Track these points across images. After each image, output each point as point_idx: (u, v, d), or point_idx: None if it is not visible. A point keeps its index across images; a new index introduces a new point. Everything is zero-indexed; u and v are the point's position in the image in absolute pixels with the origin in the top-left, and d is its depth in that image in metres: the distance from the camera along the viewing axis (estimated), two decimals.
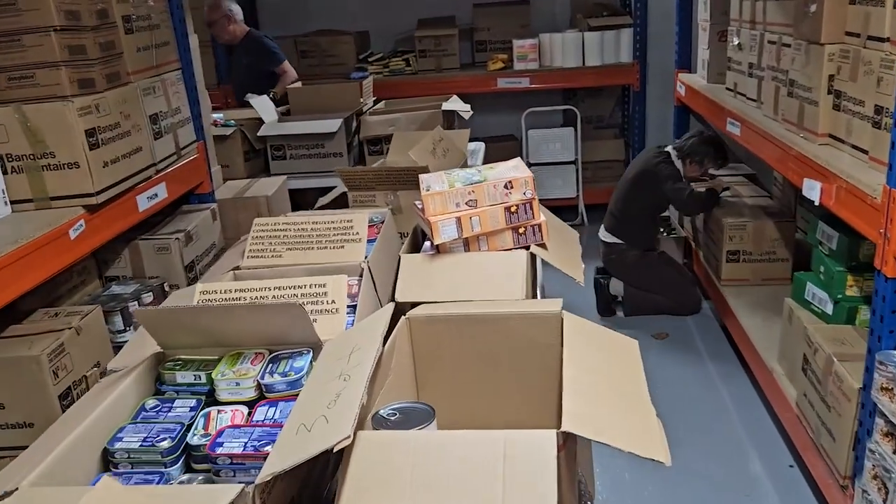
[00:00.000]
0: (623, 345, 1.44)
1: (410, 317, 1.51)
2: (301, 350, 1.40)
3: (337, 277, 1.57)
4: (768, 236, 3.53)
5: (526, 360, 1.50)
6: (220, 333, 1.38)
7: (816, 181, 2.32)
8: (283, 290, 1.53)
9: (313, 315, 1.48)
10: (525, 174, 1.83)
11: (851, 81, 2.26)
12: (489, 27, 5.76)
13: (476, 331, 1.51)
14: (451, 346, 1.52)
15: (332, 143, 4.12)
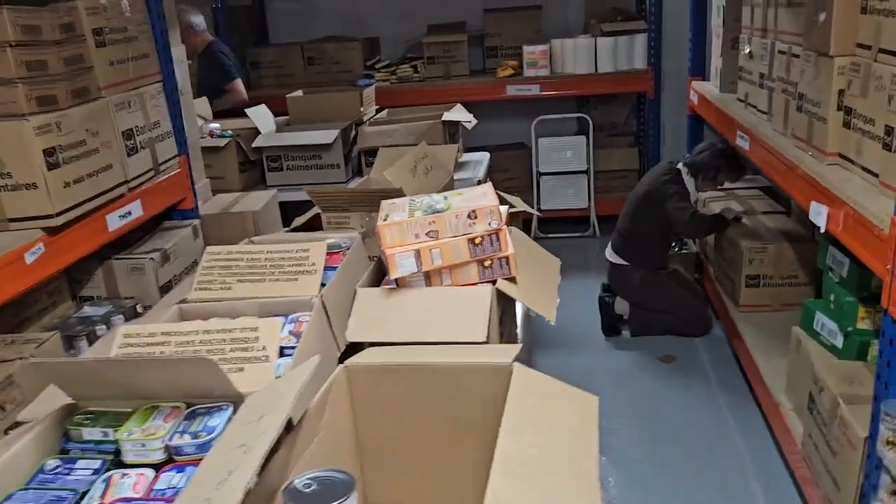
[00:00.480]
0: (579, 404, 1.29)
1: (349, 365, 1.38)
2: (221, 405, 1.27)
3: (270, 321, 1.44)
4: (788, 259, 3.32)
5: (475, 416, 1.35)
6: (132, 386, 1.26)
7: (823, 205, 2.13)
8: (212, 335, 1.41)
9: (242, 363, 1.34)
10: (491, 203, 1.68)
11: (862, 97, 2.08)
12: (500, 33, 5.61)
13: (422, 382, 1.37)
14: (394, 399, 1.38)
15: (329, 155, 4.00)
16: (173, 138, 2.94)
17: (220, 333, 1.40)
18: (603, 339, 3.88)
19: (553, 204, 5.44)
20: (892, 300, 1.70)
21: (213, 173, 4.05)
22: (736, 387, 3.27)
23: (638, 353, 3.71)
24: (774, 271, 3.34)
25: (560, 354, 3.74)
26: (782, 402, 2.64)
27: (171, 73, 2.96)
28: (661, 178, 3.69)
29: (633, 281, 3.79)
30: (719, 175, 3.67)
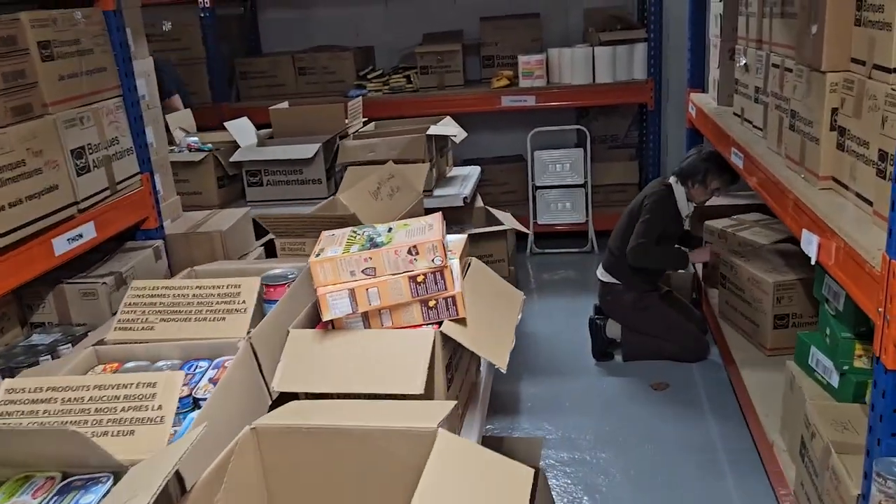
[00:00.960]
0: (509, 479, 1.12)
1: (259, 427, 1.22)
2: (100, 477, 1.11)
3: (170, 375, 1.28)
4: None
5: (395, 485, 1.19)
6: (2, 455, 1.10)
7: (814, 234, 1.95)
8: (104, 391, 1.25)
9: (133, 426, 1.19)
10: (433, 237, 1.52)
11: (855, 118, 1.90)
12: (497, 42, 5.45)
13: (339, 447, 1.21)
14: (309, 464, 1.21)
15: (310, 170, 3.86)
16: (134, 155, 2.81)
17: (114, 389, 1.25)
18: (594, 363, 3.69)
19: (550, 218, 5.27)
20: (884, 347, 1.52)
21: (191, 189, 3.93)
22: (731, 419, 3.08)
23: (630, 379, 3.52)
24: (805, 310, 2.99)
25: (547, 380, 3.56)
26: (776, 443, 2.46)
27: (133, 87, 2.83)
28: (647, 195, 3.54)
29: (624, 302, 3.61)
30: (708, 178, 3.46)
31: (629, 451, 2.96)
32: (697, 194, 3.52)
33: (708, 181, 3.47)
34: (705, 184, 3.47)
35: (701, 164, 3.47)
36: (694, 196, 3.53)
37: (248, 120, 4.19)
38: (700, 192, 3.51)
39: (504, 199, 5.57)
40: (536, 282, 4.89)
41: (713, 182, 3.47)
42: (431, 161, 3.86)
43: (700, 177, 3.47)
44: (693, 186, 3.50)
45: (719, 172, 3.45)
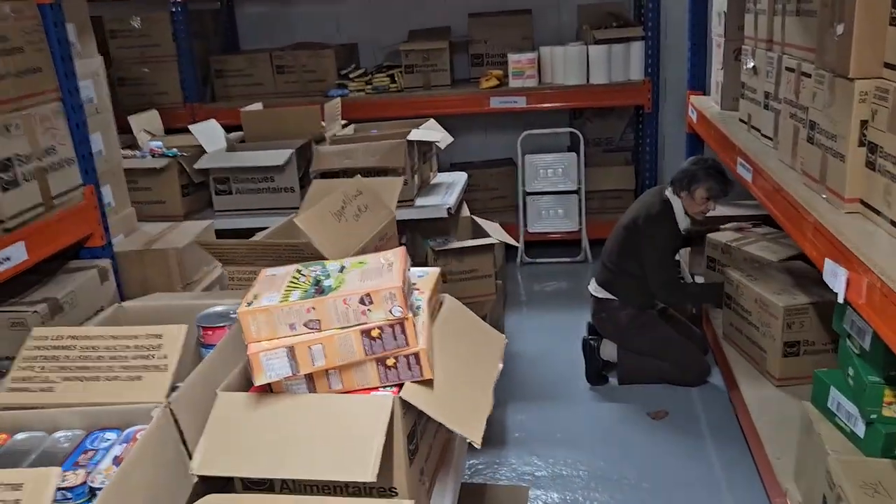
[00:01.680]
0: None
1: None
2: None
3: (40, 472, 1.01)
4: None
5: None
6: None
7: (841, 267, 1.69)
8: None
9: None
10: (390, 283, 1.24)
11: (891, 133, 1.63)
12: (486, 39, 5.17)
13: None
14: None
15: (282, 177, 3.59)
16: (76, 165, 2.52)
17: None
18: (587, 387, 3.43)
19: (541, 226, 5.00)
20: None
21: (153, 197, 3.65)
22: (737, 455, 2.81)
23: (626, 405, 3.26)
24: (817, 336, 2.70)
25: (536, 406, 3.30)
26: (790, 492, 2.19)
27: (76, 89, 2.54)
28: (645, 214, 3.27)
29: (619, 320, 3.35)
30: (701, 186, 3.15)
31: (625, 490, 2.70)
32: (693, 205, 3.24)
33: (701, 190, 3.18)
34: (691, 193, 3.19)
35: (693, 172, 3.20)
36: (690, 208, 3.25)
37: (216, 123, 3.91)
38: (695, 203, 3.22)
39: (493, 206, 5.30)
40: (527, 294, 4.63)
41: (708, 190, 3.17)
42: (413, 168, 3.59)
43: (694, 185, 3.19)
44: (687, 198, 3.23)
45: (712, 178, 3.15)
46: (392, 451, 1.26)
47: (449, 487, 1.49)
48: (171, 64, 5.03)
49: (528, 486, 2.76)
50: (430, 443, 1.44)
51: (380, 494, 1.29)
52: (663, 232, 3.21)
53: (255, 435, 1.22)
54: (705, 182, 3.15)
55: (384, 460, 1.28)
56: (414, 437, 1.33)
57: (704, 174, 3.16)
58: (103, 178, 2.82)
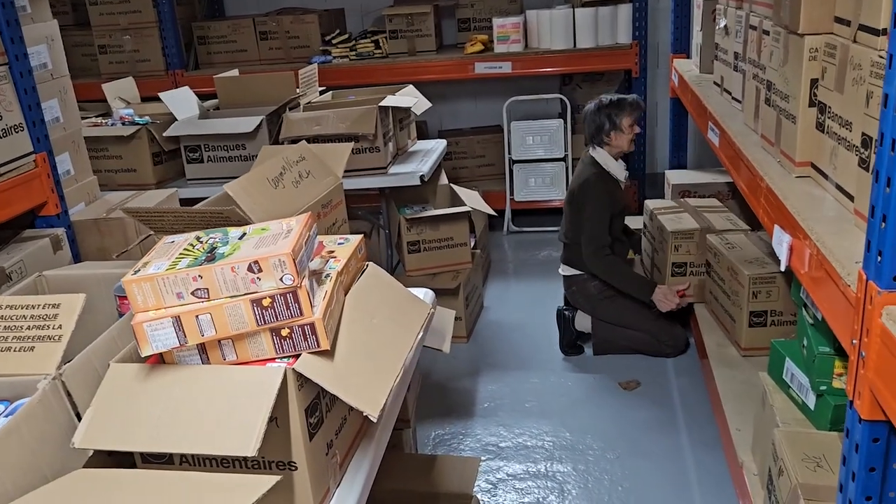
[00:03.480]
0: None
1: None
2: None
3: None
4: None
5: None
6: None
7: (786, 233, 1.61)
8: None
9: None
10: (280, 250, 1.18)
11: (837, 92, 1.54)
12: (473, 3, 5.06)
13: None
14: None
15: (254, 144, 3.52)
16: (26, 132, 2.47)
17: None
18: (562, 357, 3.37)
19: (527, 195, 4.92)
20: (858, 390, 1.19)
21: (124, 166, 3.61)
22: (704, 427, 2.75)
23: (599, 376, 3.20)
24: (785, 307, 2.64)
25: (508, 376, 3.25)
26: (745, 464, 2.14)
27: (23, 54, 2.48)
28: (578, 180, 3.26)
29: (589, 291, 3.29)
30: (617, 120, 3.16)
31: (589, 462, 2.66)
32: (620, 142, 3.21)
33: (619, 122, 3.17)
34: (619, 126, 3.17)
35: (601, 115, 3.19)
36: (620, 145, 3.22)
37: (189, 90, 3.84)
38: (621, 137, 3.20)
39: (481, 174, 5.23)
40: (513, 263, 4.56)
41: (624, 118, 3.17)
42: (386, 135, 3.52)
43: (608, 126, 3.18)
44: (608, 141, 3.20)
45: (620, 107, 3.17)
46: (289, 424, 1.22)
47: (364, 468, 1.45)
48: (152, 30, 4.96)
49: (492, 456, 2.73)
50: (343, 415, 1.40)
51: (279, 469, 1.25)
52: (596, 195, 3.17)
53: (143, 408, 1.17)
54: (625, 109, 3.16)
55: (283, 434, 1.24)
56: (317, 409, 1.29)
57: (615, 108, 3.16)
58: (61, 146, 2.77)
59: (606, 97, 3.24)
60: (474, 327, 3.69)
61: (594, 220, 3.17)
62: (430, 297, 2.08)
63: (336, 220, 2.15)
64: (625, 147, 3.24)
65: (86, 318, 1.46)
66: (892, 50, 1.05)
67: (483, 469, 2.65)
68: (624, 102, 3.19)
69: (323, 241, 1.55)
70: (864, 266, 1.16)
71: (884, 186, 1.08)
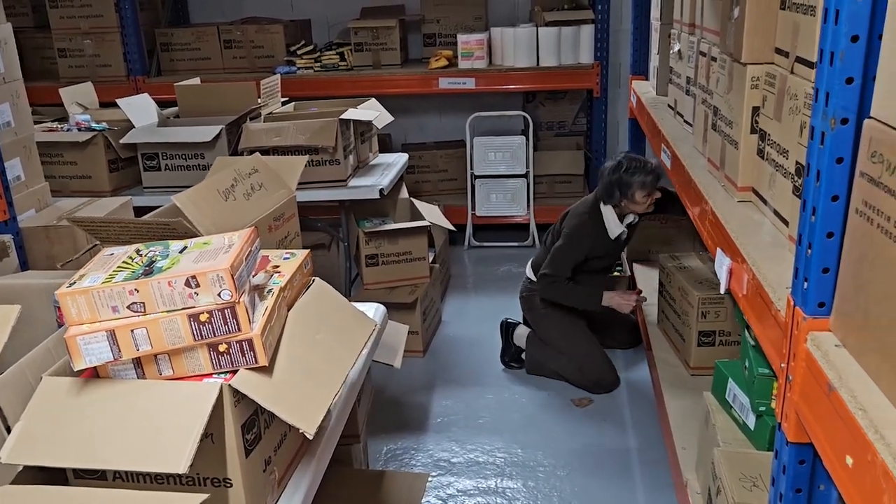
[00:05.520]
0: None
1: None
2: None
3: None
4: None
5: None
6: None
7: (727, 257, 1.65)
8: None
9: None
10: (219, 265, 1.18)
11: (776, 120, 1.59)
12: (439, 19, 5.10)
13: None
14: None
15: (213, 154, 3.50)
16: None
17: None
18: (522, 374, 3.38)
19: (489, 210, 4.95)
20: (785, 413, 1.22)
21: (79, 172, 3.56)
22: (654, 446, 2.79)
23: (552, 392, 3.22)
24: (733, 327, 2.67)
25: (462, 390, 3.26)
26: (689, 483, 2.17)
27: None
28: (569, 217, 3.23)
29: (535, 304, 3.31)
30: (634, 189, 2.99)
31: (539, 479, 2.67)
32: (634, 209, 3.09)
33: (631, 196, 3.01)
34: (631, 198, 3.03)
35: (611, 183, 3.03)
36: (631, 210, 3.11)
37: (148, 97, 3.81)
38: (633, 206, 3.07)
39: (444, 188, 5.25)
40: (472, 278, 4.58)
41: (635, 194, 3.00)
42: (347, 148, 3.52)
43: (619, 195, 3.03)
44: (623, 204, 3.07)
45: (633, 181, 2.98)
46: (224, 441, 1.21)
47: (306, 478, 1.44)
48: (114, 35, 4.90)
49: (443, 472, 2.73)
50: (283, 431, 1.39)
51: (213, 486, 1.24)
52: (577, 238, 3.12)
53: (75, 422, 1.16)
54: (634, 185, 2.99)
55: (218, 451, 1.23)
56: (254, 425, 1.28)
57: (629, 176, 2.99)
58: (12, 151, 2.74)
59: (626, 161, 3.03)
60: (431, 342, 3.70)
61: (561, 252, 3.15)
62: (381, 312, 2.09)
63: (288, 234, 2.14)
64: (639, 211, 3.11)
65: (24, 330, 1.44)
66: (818, 84, 1.09)
67: (434, 485, 2.65)
68: (638, 174, 2.97)
69: (268, 256, 1.54)
70: (793, 292, 1.20)
71: (809, 215, 1.12)
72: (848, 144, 1.05)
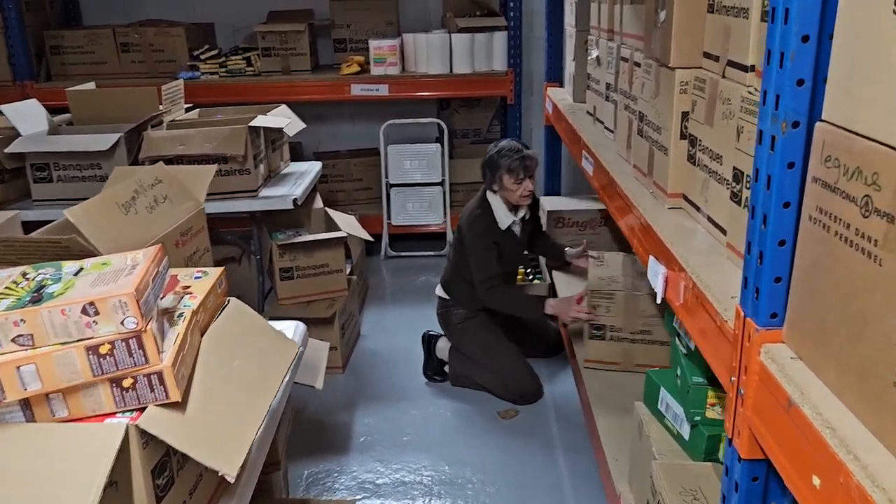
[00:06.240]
0: None
1: None
2: None
3: None
4: (640, 311, 2.70)
5: None
6: None
7: (661, 265, 1.61)
8: None
9: None
10: (122, 290, 1.04)
11: (707, 125, 1.56)
12: (349, 24, 4.97)
13: None
14: None
15: (110, 164, 3.25)
16: None
17: None
18: (447, 387, 3.30)
19: (405, 219, 4.85)
20: (737, 429, 1.17)
21: None
22: (582, 456, 2.76)
23: (478, 405, 3.15)
24: (624, 323, 2.74)
25: (386, 407, 3.14)
26: (623, 495, 2.14)
27: None
28: (466, 215, 3.19)
29: (451, 319, 3.25)
30: (501, 174, 3.00)
31: (469, 496, 2.59)
32: (509, 196, 3.06)
33: (500, 180, 3.02)
34: (502, 184, 3.03)
35: (484, 168, 3.10)
36: (508, 198, 3.07)
37: (37, 103, 3.52)
38: (507, 193, 3.04)
39: (358, 197, 5.12)
40: (390, 289, 4.47)
41: (503, 178, 3.00)
42: (257, 156, 3.35)
43: (490, 181, 3.06)
44: (501, 189, 3.06)
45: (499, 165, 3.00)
46: (132, 488, 1.07)
47: None
48: None
49: (368, 494, 2.61)
50: (198, 472, 1.25)
51: None
52: (479, 231, 3.09)
53: None
54: (501, 167, 2.99)
55: (125, 499, 1.08)
56: (166, 468, 1.14)
57: (496, 160, 3.02)
58: None
59: (495, 147, 3.08)
60: (350, 357, 3.57)
61: (476, 254, 3.11)
62: (301, 331, 1.96)
63: (197, 250, 1.98)
64: (513, 201, 3.08)
65: None
66: (766, 86, 1.05)
67: None
68: (503, 160, 3.00)
69: (177, 275, 1.40)
70: (742, 303, 1.15)
71: (759, 223, 1.07)
72: (799, 149, 1.01)
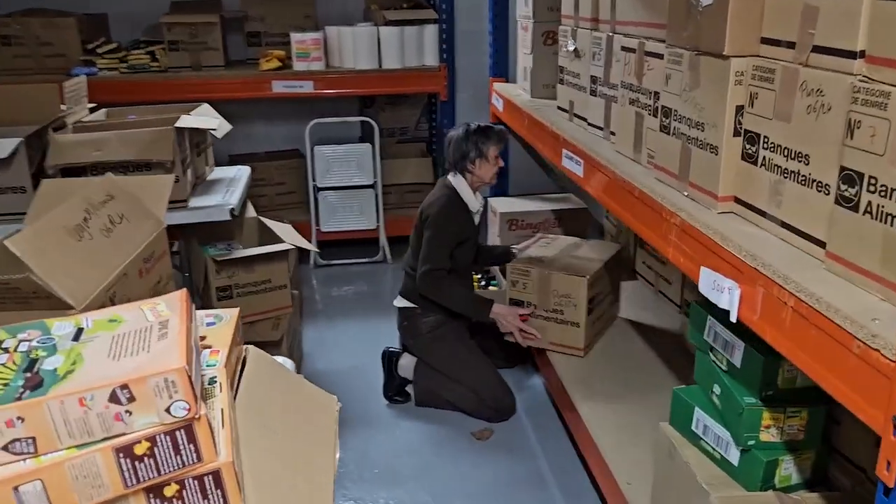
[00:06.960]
0: None
1: None
2: None
3: None
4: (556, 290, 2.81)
5: None
6: None
7: (726, 278, 1.43)
8: None
9: None
10: (168, 363, 0.73)
11: (780, 121, 1.39)
12: (263, 17, 4.60)
13: None
14: None
15: (7, 175, 2.81)
16: None
17: None
18: (410, 409, 3.03)
19: (336, 225, 4.53)
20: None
21: None
22: (572, 469, 2.58)
23: (448, 427, 2.91)
24: (540, 301, 2.86)
25: (347, 436, 2.84)
26: None
27: None
28: (428, 204, 3.01)
29: (419, 328, 3.00)
30: (490, 146, 2.96)
31: None
32: (484, 172, 2.98)
33: (486, 151, 2.96)
34: (485, 155, 2.95)
35: (467, 142, 2.96)
36: (482, 176, 2.99)
37: None
38: (485, 167, 2.97)
39: (282, 203, 4.76)
40: (323, 301, 4.15)
41: (491, 148, 2.96)
42: (185, 162, 2.97)
43: (474, 153, 2.96)
44: (475, 166, 2.96)
45: (487, 136, 2.97)
46: None
47: None
48: None
49: None
50: None
51: None
52: (444, 220, 2.93)
53: None
54: (490, 138, 2.96)
55: None
56: None
57: (482, 136, 2.96)
58: None
59: (474, 124, 3.01)
60: None
61: (434, 242, 2.91)
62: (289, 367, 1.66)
63: (161, 278, 1.64)
64: (487, 179, 3.00)
65: None
66: None
67: None
68: (491, 132, 2.97)
69: None
70: None
71: None
72: None
